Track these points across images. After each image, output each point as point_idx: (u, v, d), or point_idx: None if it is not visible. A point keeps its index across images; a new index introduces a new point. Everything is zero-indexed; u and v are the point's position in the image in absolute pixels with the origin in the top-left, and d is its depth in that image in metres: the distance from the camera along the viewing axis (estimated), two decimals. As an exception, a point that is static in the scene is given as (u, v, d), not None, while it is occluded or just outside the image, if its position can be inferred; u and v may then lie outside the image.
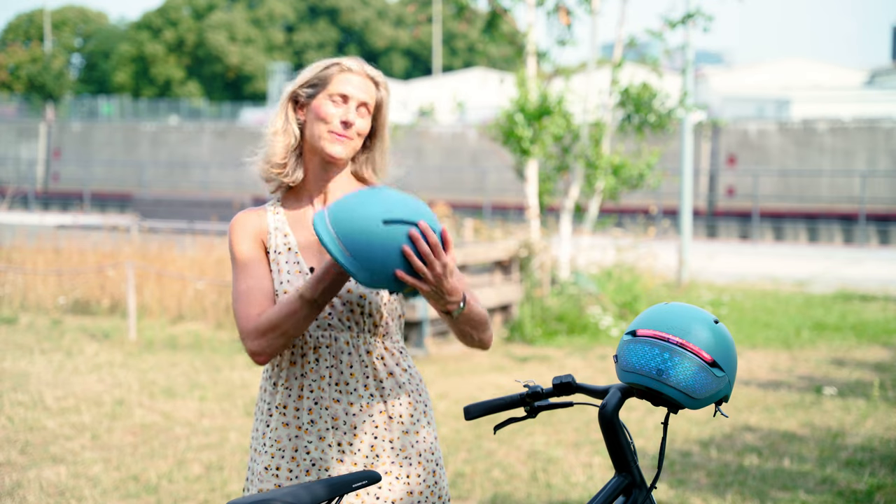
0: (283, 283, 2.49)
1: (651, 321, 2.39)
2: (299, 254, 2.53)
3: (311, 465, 2.48)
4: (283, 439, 2.49)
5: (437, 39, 49.65)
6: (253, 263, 2.52)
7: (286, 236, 2.55)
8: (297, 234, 2.56)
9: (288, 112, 2.56)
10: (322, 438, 2.47)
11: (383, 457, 2.50)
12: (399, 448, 2.52)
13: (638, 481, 2.46)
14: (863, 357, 9.35)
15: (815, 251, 21.49)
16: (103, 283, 11.38)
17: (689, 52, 13.34)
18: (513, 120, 11.07)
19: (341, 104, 2.50)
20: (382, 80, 2.58)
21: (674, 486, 5.48)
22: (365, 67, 2.56)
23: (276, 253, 2.53)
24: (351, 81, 2.51)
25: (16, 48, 56.82)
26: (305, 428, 2.48)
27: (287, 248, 2.53)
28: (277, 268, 2.51)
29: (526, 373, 8.52)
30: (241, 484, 5.48)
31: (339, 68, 2.52)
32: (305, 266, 2.51)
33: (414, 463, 2.53)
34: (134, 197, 22.99)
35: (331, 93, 2.51)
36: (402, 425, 2.53)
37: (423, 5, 54.80)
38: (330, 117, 2.50)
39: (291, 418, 2.48)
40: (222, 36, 62.32)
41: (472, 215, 19.33)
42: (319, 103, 2.51)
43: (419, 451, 2.54)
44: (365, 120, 2.53)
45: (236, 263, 2.54)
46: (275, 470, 2.49)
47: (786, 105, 35.66)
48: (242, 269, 2.51)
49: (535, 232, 11.34)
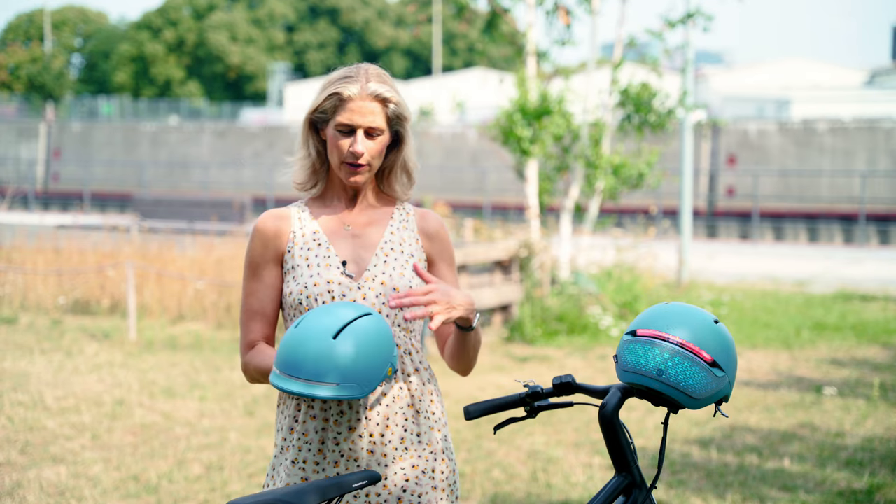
0: (313, 277, 2.51)
1: (651, 321, 2.39)
2: (331, 248, 2.55)
3: (340, 456, 2.48)
4: (310, 432, 2.49)
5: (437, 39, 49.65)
6: (260, 277, 2.58)
7: (316, 233, 2.57)
8: (325, 228, 2.58)
9: (309, 138, 2.59)
10: (352, 429, 2.49)
11: (411, 450, 2.53)
12: (426, 442, 2.55)
13: (638, 481, 2.46)
14: (863, 357, 9.35)
15: (815, 251, 21.49)
16: (103, 283, 11.38)
17: (689, 51, 13.34)
18: (513, 120, 11.07)
19: (349, 135, 2.50)
20: (389, 95, 2.51)
21: (674, 486, 5.48)
22: (368, 88, 2.49)
23: (304, 249, 2.55)
24: (352, 110, 2.48)
25: (16, 48, 56.82)
26: (335, 419, 2.48)
27: (318, 244, 2.55)
28: (307, 263, 2.53)
29: (526, 373, 8.52)
30: (241, 484, 5.48)
31: (339, 98, 2.49)
32: (337, 259, 2.53)
33: (439, 459, 2.56)
34: (134, 197, 22.99)
35: (337, 123, 2.50)
36: (429, 420, 2.56)
37: (423, 5, 54.80)
38: (341, 150, 2.51)
39: (318, 411, 2.49)
40: (223, 36, 62.33)
41: (472, 215, 19.33)
42: (331, 133, 2.53)
43: (443, 448, 2.58)
44: (376, 142, 2.52)
45: (246, 269, 2.61)
46: (301, 463, 2.50)
47: (786, 105, 35.67)
48: (249, 280, 2.60)
49: (535, 232, 11.33)
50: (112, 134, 35.60)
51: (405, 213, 2.65)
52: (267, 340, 2.59)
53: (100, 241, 12.70)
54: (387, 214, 2.63)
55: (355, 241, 2.57)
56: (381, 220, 2.61)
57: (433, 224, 2.66)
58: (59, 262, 11.92)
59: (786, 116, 33.43)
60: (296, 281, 2.52)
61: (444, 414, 2.62)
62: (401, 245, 2.58)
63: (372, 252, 2.55)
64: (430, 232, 2.64)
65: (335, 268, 2.52)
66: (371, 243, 2.57)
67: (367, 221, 2.60)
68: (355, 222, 2.59)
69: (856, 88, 39.56)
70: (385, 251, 2.56)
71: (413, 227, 2.63)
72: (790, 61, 49.93)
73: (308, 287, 2.50)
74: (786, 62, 49.84)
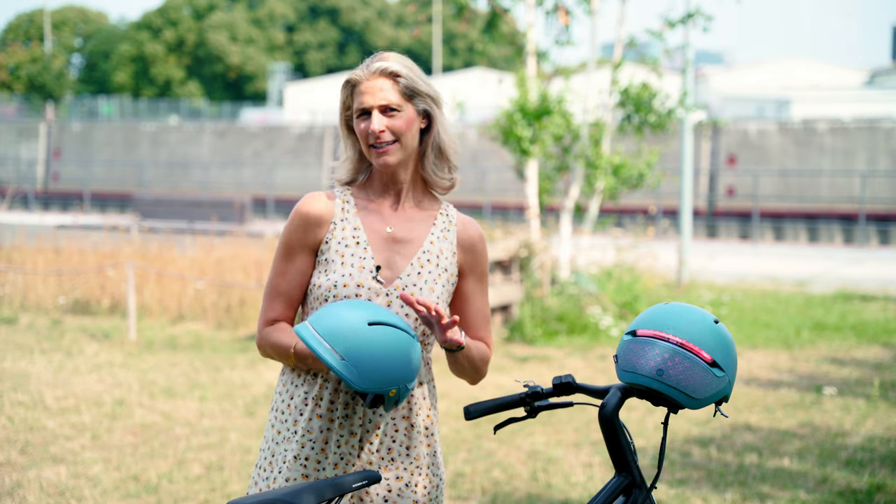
0: (345, 276, 2.49)
1: (651, 321, 2.39)
2: (368, 249, 2.52)
3: (340, 458, 2.49)
4: (314, 430, 2.49)
5: (437, 39, 49.63)
6: (292, 260, 2.56)
7: (356, 230, 2.54)
8: (367, 227, 2.55)
9: (347, 139, 2.60)
10: (353, 434, 2.50)
11: (398, 461, 2.53)
12: (414, 456, 2.55)
13: (638, 481, 2.46)
14: (863, 357, 9.35)
15: (815, 251, 21.49)
16: (103, 283, 11.38)
17: (688, 51, 13.34)
18: (513, 120, 11.06)
19: (367, 118, 2.50)
20: (397, 68, 2.50)
21: (674, 486, 5.48)
22: (372, 66, 2.50)
23: (341, 245, 2.53)
24: (363, 92, 2.49)
25: (16, 48, 56.81)
26: (339, 422, 2.49)
27: (356, 242, 2.53)
28: (341, 260, 2.51)
29: (526, 373, 8.52)
30: (241, 484, 5.48)
31: (349, 85, 2.52)
32: (371, 263, 2.51)
33: (423, 473, 2.56)
34: (134, 197, 23.00)
35: (355, 112, 2.52)
36: (420, 434, 2.56)
37: (423, 5, 54.80)
38: (362, 136, 2.51)
39: (325, 410, 2.49)
40: (223, 36, 62.33)
41: (472, 215, 19.30)
42: (355, 124, 2.53)
43: (429, 464, 2.58)
44: (395, 119, 2.49)
45: (280, 248, 2.58)
46: (303, 460, 2.50)
47: (786, 105, 35.68)
48: (281, 260, 2.58)
49: (535, 232, 11.33)
50: (112, 134, 35.59)
51: (448, 221, 2.61)
52: (287, 321, 2.58)
53: (100, 241, 12.70)
54: (430, 219, 2.59)
55: (394, 245, 2.54)
56: (424, 226, 2.58)
57: (473, 235, 2.63)
58: (59, 262, 11.92)
59: (786, 116, 33.44)
60: (326, 275, 2.51)
61: (436, 426, 2.61)
62: (437, 258, 2.56)
63: (408, 261, 2.53)
64: (468, 244, 2.62)
65: (368, 271, 2.50)
66: (409, 252, 2.54)
67: (409, 226, 2.57)
68: (397, 225, 2.56)
69: (856, 88, 39.56)
70: (421, 262, 2.54)
71: (452, 239, 2.60)
72: (790, 61, 49.92)
73: (337, 285, 2.48)
74: (786, 62, 49.82)
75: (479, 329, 2.63)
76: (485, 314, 2.64)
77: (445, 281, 2.56)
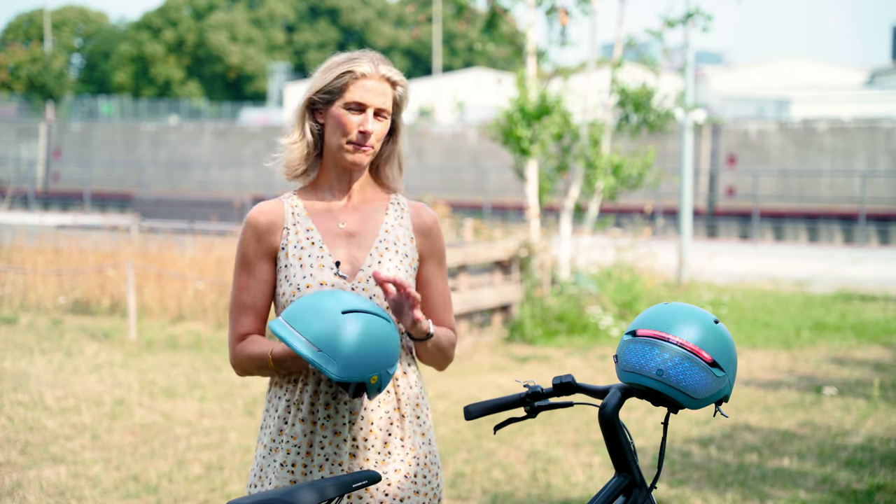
0: (306, 278, 2.49)
1: (651, 321, 2.39)
2: (324, 248, 2.52)
3: (325, 459, 2.48)
4: (298, 435, 2.49)
5: (437, 39, 49.63)
6: (252, 272, 2.55)
7: (309, 231, 2.54)
8: (319, 227, 2.55)
9: (305, 121, 2.55)
10: (337, 433, 2.48)
11: (395, 454, 2.52)
12: (410, 447, 2.54)
13: (638, 481, 2.46)
14: (863, 357, 9.35)
15: (815, 251, 21.48)
16: (103, 283, 11.38)
17: (688, 51, 13.34)
18: (512, 120, 11.07)
19: (358, 113, 2.49)
20: (399, 78, 2.54)
21: (674, 485, 5.48)
22: (380, 68, 2.50)
23: (297, 248, 2.52)
24: (366, 88, 2.48)
25: (16, 48, 56.84)
26: (321, 423, 2.48)
27: (311, 243, 2.53)
28: (300, 263, 2.50)
29: (526, 373, 8.52)
30: (241, 484, 5.48)
31: (353, 76, 2.48)
32: (330, 260, 2.51)
33: (422, 464, 2.56)
34: (134, 197, 22.98)
35: (347, 101, 2.48)
36: (413, 425, 2.55)
37: (423, 5, 54.80)
38: (348, 128, 2.48)
39: (307, 414, 2.49)
40: (223, 36, 62.34)
41: (472, 215, 19.33)
42: (337, 112, 2.49)
43: (426, 453, 2.57)
44: (383, 124, 2.51)
45: (238, 263, 2.58)
46: (290, 467, 2.50)
47: (786, 105, 35.69)
48: (241, 275, 2.57)
49: (535, 232, 11.33)
50: (112, 134, 35.59)
51: (400, 209, 2.62)
52: (258, 335, 2.57)
53: (100, 241, 12.69)
54: (381, 209, 2.60)
55: (349, 240, 2.54)
56: (376, 216, 2.58)
57: (427, 220, 2.63)
58: (59, 262, 11.92)
59: (786, 116, 33.44)
60: (288, 281, 2.50)
61: (428, 417, 2.61)
62: (395, 244, 2.56)
63: (366, 252, 2.53)
64: (424, 229, 2.62)
65: (328, 268, 2.50)
66: (365, 243, 2.54)
67: (361, 218, 2.57)
68: (349, 219, 2.56)
69: (856, 88, 39.58)
70: (380, 251, 2.54)
71: (407, 225, 2.61)
72: (790, 61, 49.94)
73: (301, 289, 2.48)
74: (786, 62, 49.84)
75: (443, 313, 2.64)
76: (446, 298, 2.65)
77: (408, 266, 2.56)
